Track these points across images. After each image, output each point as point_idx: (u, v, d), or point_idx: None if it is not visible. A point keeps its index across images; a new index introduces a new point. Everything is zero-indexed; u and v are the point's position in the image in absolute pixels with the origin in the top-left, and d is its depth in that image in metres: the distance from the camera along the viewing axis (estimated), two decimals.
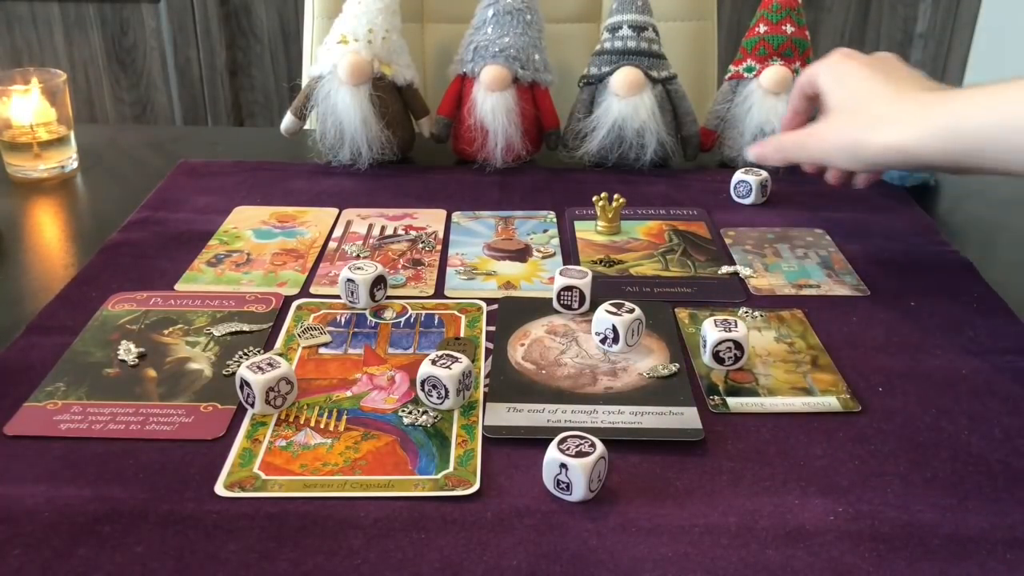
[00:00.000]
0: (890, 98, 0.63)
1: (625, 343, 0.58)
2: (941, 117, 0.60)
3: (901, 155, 0.62)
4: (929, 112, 0.60)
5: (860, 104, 0.65)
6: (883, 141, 0.62)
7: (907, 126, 0.61)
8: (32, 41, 1.97)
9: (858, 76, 0.66)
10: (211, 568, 0.42)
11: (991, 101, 0.58)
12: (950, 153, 0.59)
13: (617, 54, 0.86)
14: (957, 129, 0.58)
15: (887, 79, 0.65)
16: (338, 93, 0.84)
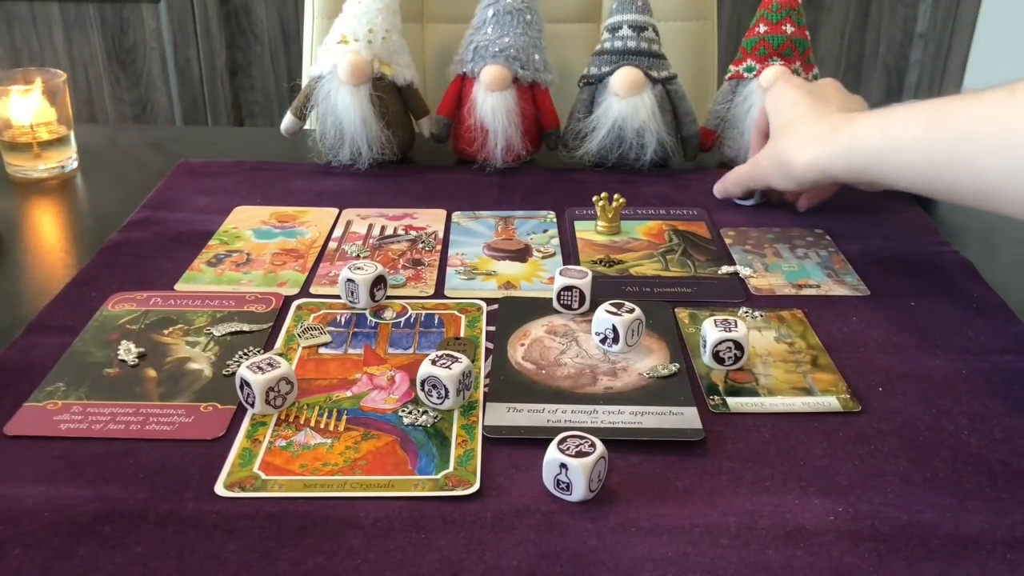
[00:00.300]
0: (813, 120, 0.70)
1: (625, 343, 0.58)
2: (844, 137, 0.66)
3: (818, 171, 0.68)
4: (837, 133, 0.67)
5: (790, 126, 0.71)
6: (804, 160, 0.68)
7: (820, 145, 0.68)
8: (32, 41, 1.97)
9: (791, 100, 0.72)
10: (211, 568, 0.42)
11: (880, 123, 0.64)
12: (853, 169, 0.66)
13: (617, 54, 0.86)
14: (854, 147, 0.65)
15: (815, 103, 0.71)
16: (338, 93, 0.84)
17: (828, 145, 0.67)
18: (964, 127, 0.57)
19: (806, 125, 0.70)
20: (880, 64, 2.07)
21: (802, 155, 0.68)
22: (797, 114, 0.71)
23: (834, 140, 0.67)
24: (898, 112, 0.63)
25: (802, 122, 0.70)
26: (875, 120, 0.64)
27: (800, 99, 0.72)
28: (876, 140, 0.64)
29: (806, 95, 0.72)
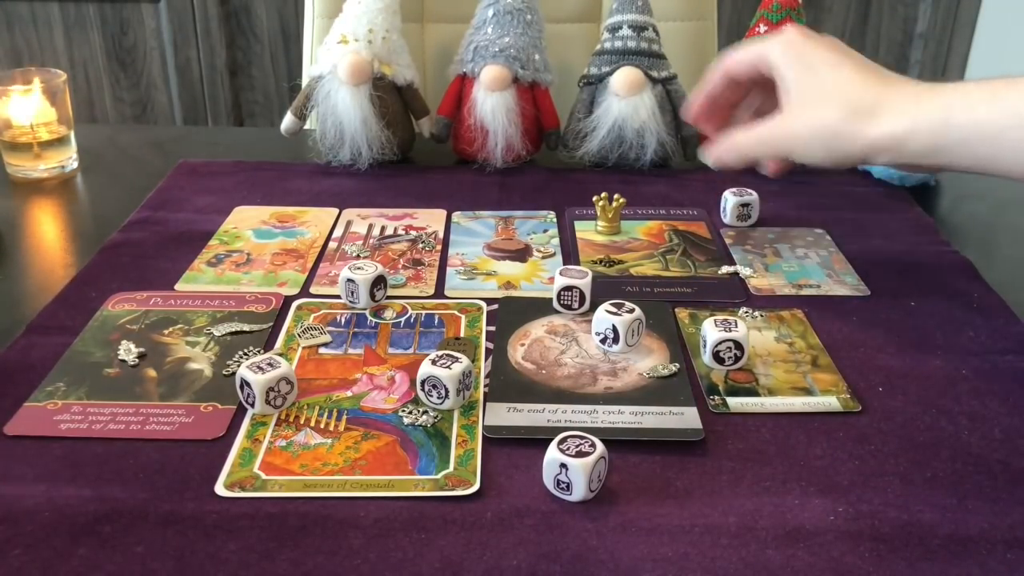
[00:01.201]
0: (874, 87, 0.59)
1: (625, 343, 0.58)
2: (935, 109, 0.56)
3: (889, 149, 0.58)
4: (921, 104, 0.57)
5: (835, 92, 0.60)
6: (875, 134, 0.58)
7: (899, 115, 0.57)
8: (32, 41, 1.97)
9: (829, 62, 0.61)
10: (211, 568, 0.42)
11: (992, 94, 0.55)
12: (938, 148, 0.56)
13: (617, 54, 0.86)
14: (950, 122, 0.56)
15: (859, 66, 0.61)
16: (338, 93, 0.84)
17: (910, 118, 0.57)
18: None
19: (867, 91, 0.58)
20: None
21: (868, 128, 0.57)
22: (846, 78, 0.59)
23: (919, 112, 0.57)
24: (1010, 87, 0.55)
25: (858, 87, 0.59)
26: (978, 93, 0.55)
27: (840, 60, 0.60)
28: (989, 115, 0.54)
29: (845, 56, 0.61)
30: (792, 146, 0.62)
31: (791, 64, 0.61)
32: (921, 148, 0.57)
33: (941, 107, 0.56)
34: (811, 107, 0.60)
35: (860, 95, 0.59)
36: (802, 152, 0.61)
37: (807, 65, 0.61)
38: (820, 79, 0.60)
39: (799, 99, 0.61)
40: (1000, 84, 0.55)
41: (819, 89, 0.60)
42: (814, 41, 0.62)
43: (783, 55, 0.62)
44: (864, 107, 0.58)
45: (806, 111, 0.60)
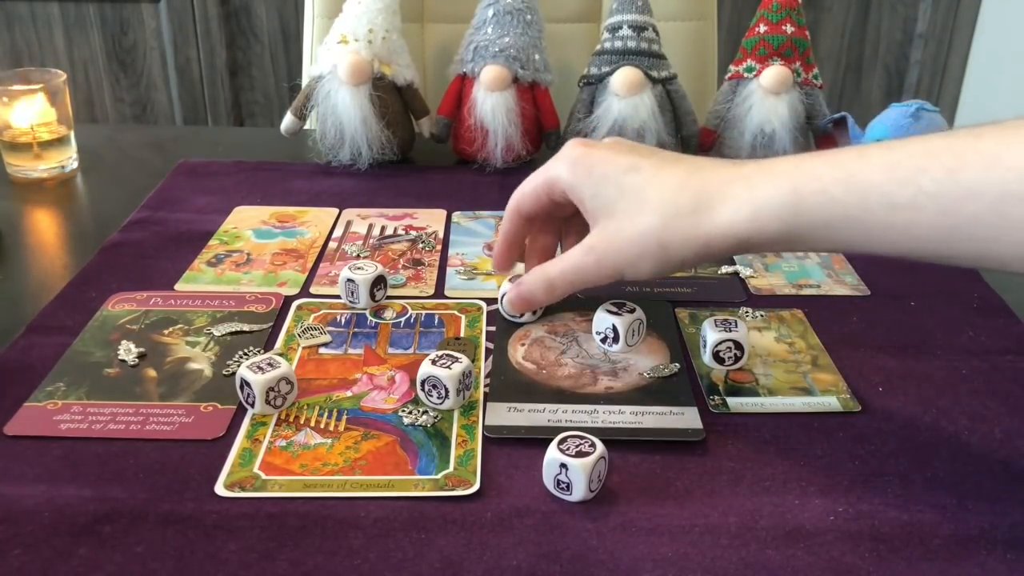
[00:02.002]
0: (690, 179, 0.51)
1: (625, 343, 0.58)
2: (776, 192, 0.47)
3: (733, 243, 0.49)
4: (755, 185, 0.48)
5: (651, 196, 0.51)
6: (708, 230, 0.49)
7: (734, 204, 0.48)
8: (32, 41, 1.97)
9: (623, 166, 0.52)
10: (211, 568, 0.42)
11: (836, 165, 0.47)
12: (793, 234, 0.48)
13: (617, 54, 0.86)
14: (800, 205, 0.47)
15: (659, 163, 0.52)
16: (338, 93, 0.84)
17: (749, 205, 0.48)
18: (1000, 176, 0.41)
19: (684, 187, 0.50)
20: (880, 64, 2.07)
21: (704, 226, 0.49)
22: (650, 179, 0.51)
23: (756, 196, 0.48)
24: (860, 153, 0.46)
25: (669, 186, 0.51)
26: (818, 164, 0.47)
27: (635, 162, 0.52)
28: (845, 191, 0.45)
29: (638, 156, 0.53)
30: (617, 266, 0.53)
31: (583, 182, 0.54)
32: (774, 238, 0.48)
33: (790, 190, 0.47)
34: (625, 220, 0.52)
35: (676, 194, 0.50)
36: (632, 270, 0.53)
37: (602, 177, 0.53)
38: (623, 188, 0.52)
39: (607, 215, 0.53)
40: (847, 156, 0.47)
41: (627, 199, 0.52)
42: (599, 150, 0.54)
43: (572, 175, 0.54)
44: (686, 205, 0.50)
45: (621, 227, 0.52)
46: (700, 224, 0.49)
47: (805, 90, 0.87)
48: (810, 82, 0.87)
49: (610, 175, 0.53)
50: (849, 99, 2.10)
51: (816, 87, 0.88)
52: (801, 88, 0.86)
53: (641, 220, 0.51)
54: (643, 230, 0.51)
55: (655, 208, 0.51)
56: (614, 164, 0.53)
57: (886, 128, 0.80)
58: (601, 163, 0.53)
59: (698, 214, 0.49)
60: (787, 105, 0.85)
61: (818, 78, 0.88)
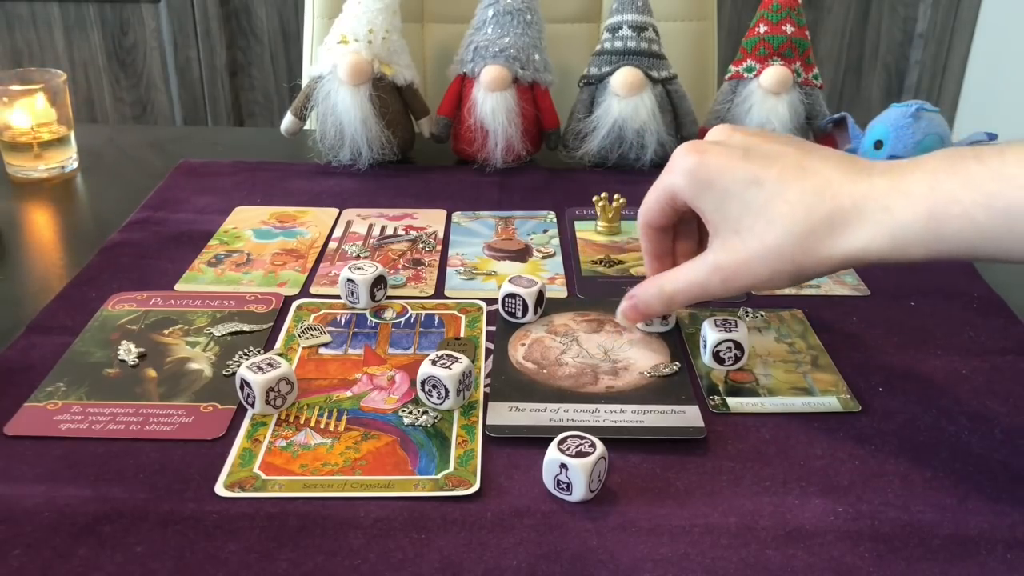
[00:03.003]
0: (820, 193, 0.48)
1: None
2: (916, 213, 0.45)
3: (869, 261, 0.48)
4: (893, 207, 0.46)
5: (779, 213, 0.49)
6: (841, 252, 0.47)
7: (872, 227, 0.46)
8: (32, 41, 1.97)
9: (744, 178, 0.50)
10: (211, 568, 0.42)
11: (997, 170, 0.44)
12: (938, 254, 0.46)
13: (617, 54, 0.86)
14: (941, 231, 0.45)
15: (784, 171, 0.49)
16: (338, 93, 0.84)
17: (887, 229, 0.46)
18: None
19: (815, 204, 0.48)
20: (880, 64, 2.07)
21: (837, 247, 0.47)
22: (774, 195, 0.49)
23: (895, 226, 0.46)
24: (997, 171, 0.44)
25: (798, 202, 0.48)
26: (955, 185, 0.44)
27: (757, 174, 0.50)
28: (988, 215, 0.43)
29: (759, 165, 0.50)
30: (745, 285, 0.51)
31: (702, 195, 0.51)
32: (913, 259, 0.47)
33: (923, 214, 0.45)
34: (752, 238, 0.50)
35: (807, 212, 0.48)
36: (762, 287, 0.52)
37: (723, 192, 0.50)
38: (747, 204, 0.49)
39: (732, 232, 0.50)
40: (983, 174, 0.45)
41: (753, 216, 0.49)
42: (713, 157, 0.51)
43: (690, 187, 0.52)
44: (820, 224, 0.47)
45: (749, 245, 0.50)
46: (836, 245, 0.47)
47: (805, 90, 0.87)
48: (810, 82, 0.87)
49: (731, 190, 0.50)
50: (849, 99, 2.10)
51: (816, 87, 0.88)
52: (801, 88, 0.86)
53: (771, 240, 0.49)
54: (774, 249, 0.49)
55: (786, 227, 0.48)
56: (733, 176, 0.50)
57: (886, 128, 0.80)
58: (719, 175, 0.51)
59: (833, 235, 0.47)
60: (787, 105, 0.85)
61: (818, 78, 0.88)
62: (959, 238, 0.45)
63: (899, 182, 0.46)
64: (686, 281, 0.53)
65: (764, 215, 0.49)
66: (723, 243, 0.51)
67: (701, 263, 0.52)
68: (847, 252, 0.47)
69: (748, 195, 0.49)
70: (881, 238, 0.46)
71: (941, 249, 0.46)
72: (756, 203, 0.49)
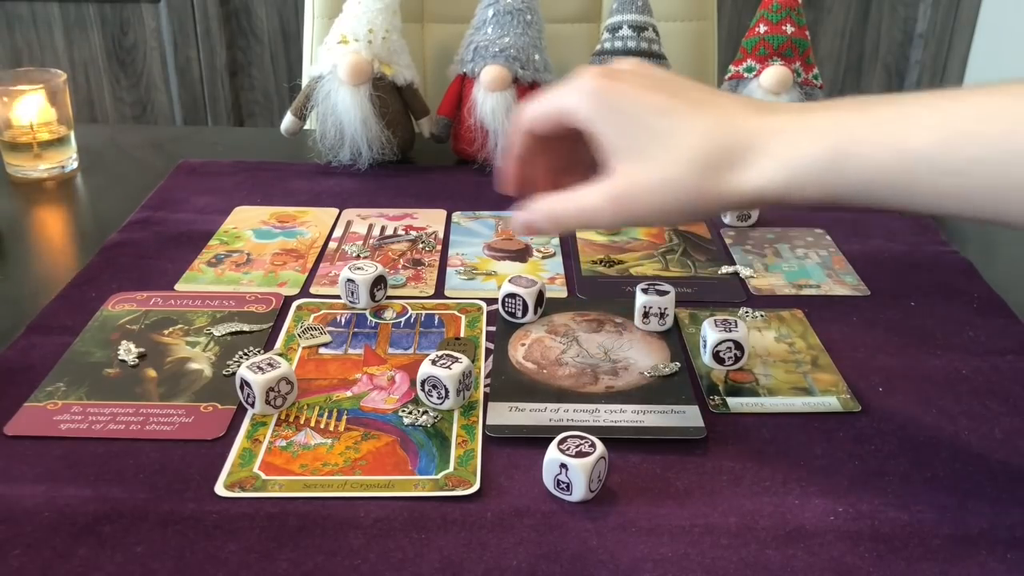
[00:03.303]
0: (725, 125, 0.47)
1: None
2: (820, 148, 0.44)
3: (766, 200, 0.46)
4: (799, 142, 0.45)
5: (682, 143, 0.47)
6: (739, 188, 0.46)
7: (772, 162, 0.45)
8: (32, 41, 1.97)
9: (653, 106, 0.48)
10: (211, 568, 0.42)
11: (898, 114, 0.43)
12: (839, 190, 0.45)
13: (617, 54, 0.86)
14: (848, 157, 0.44)
15: (695, 103, 0.48)
16: (338, 93, 0.84)
17: (785, 165, 0.45)
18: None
19: (719, 136, 0.46)
20: (880, 64, 2.07)
21: (735, 183, 0.46)
22: (681, 124, 0.47)
23: (795, 160, 0.45)
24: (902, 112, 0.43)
25: (702, 132, 0.47)
26: (860, 123, 0.44)
27: (668, 103, 0.48)
28: (891, 156, 0.43)
29: (667, 93, 0.48)
30: (639, 216, 0.49)
31: (605, 118, 0.48)
32: (809, 198, 0.45)
33: (826, 149, 0.44)
34: (654, 167, 0.47)
35: (710, 143, 0.46)
36: (655, 220, 0.50)
37: (631, 117, 0.48)
38: (654, 132, 0.47)
39: (633, 159, 0.48)
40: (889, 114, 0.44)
41: (659, 144, 0.47)
42: (623, 83, 0.49)
43: (593, 109, 0.49)
44: (722, 157, 0.46)
45: (650, 174, 0.47)
46: (735, 179, 0.46)
47: (805, 90, 0.87)
48: (810, 82, 0.87)
49: (640, 116, 0.48)
50: None
51: (816, 87, 0.88)
52: (801, 88, 0.86)
53: (672, 169, 0.47)
54: (675, 180, 0.47)
55: (688, 157, 0.46)
56: (643, 103, 0.48)
57: None
58: (628, 101, 0.48)
59: (733, 168, 0.46)
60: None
61: (818, 78, 0.88)
62: (860, 179, 0.44)
63: (804, 118, 0.46)
64: (577, 207, 0.50)
65: (668, 143, 0.47)
66: (623, 170, 0.48)
67: (596, 190, 0.49)
68: (746, 188, 0.46)
69: (655, 122, 0.47)
70: (780, 174, 0.45)
71: (839, 191, 0.44)
72: (662, 131, 0.47)
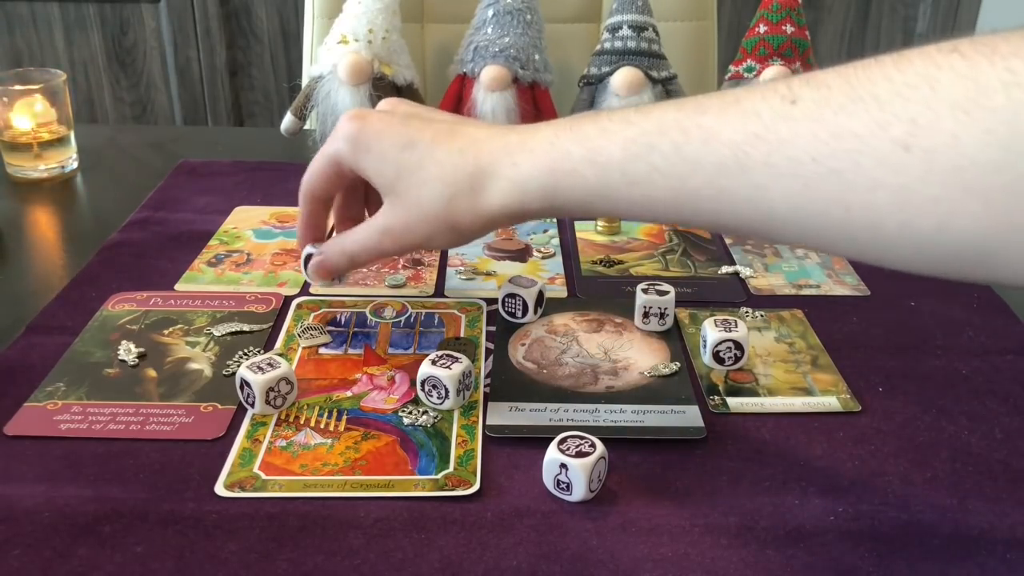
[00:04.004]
0: (459, 153, 0.50)
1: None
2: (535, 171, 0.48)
3: (515, 217, 0.50)
4: (518, 163, 0.48)
5: (428, 174, 0.50)
6: (487, 208, 0.49)
7: (505, 184, 0.48)
8: (32, 41, 1.97)
9: (398, 141, 0.51)
10: (211, 568, 0.42)
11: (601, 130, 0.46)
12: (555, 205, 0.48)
13: (617, 54, 0.86)
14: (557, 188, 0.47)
15: (439, 134, 0.51)
16: (338, 93, 0.84)
17: (514, 190, 0.48)
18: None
19: (457, 165, 0.50)
20: None
21: (484, 205, 0.49)
22: (425, 157, 0.50)
23: (519, 180, 0.48)
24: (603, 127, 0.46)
25: (442, 162, 0.50)
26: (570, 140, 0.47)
27: (411, 136, 0.51)
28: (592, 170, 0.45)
29: (413, 128, 0.52)
30: (414, 244, 0.53)
31: (363, 159, 0.53)
32: (539, 211, 0.49)
33: (543, 168, 0.47)
34: (409, 200, 0.51)
35: (453, 172, 0.50)
36: (428, 246, 0.54)
37: (380, 155, 0.52)
38: (400, 167, 0.51)
39: (392, 194, 0.52)
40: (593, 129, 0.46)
41: (407, 179, 0.51)
42: (372, 123, 0.52)
43: (352, 152, 0.53)
44: (464, 184, 0.50)
45: (408, 206, 0.52)
46: (479, 202, 0.49)
47: None
48: None
49: (387, 153, 0.52)
50: None
51: None
52: None
53: (425, 201, 0.51)
54: (428, 211, 0.51)
55: (436, 188, 0.50)
56: (390, 140, 0.52)
57: None
58: (377, 139, 0.52)
59: (475, 192, 0.49)
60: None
61: None
62: (572, 194, 0.47)
63: (528, 138, 0.49)
64: (363, 243, 0.55)
65: (416, 176, 0.51)
66: (389, 205, 0.53)
67: (373, 226, 0.54)
68: (490, 209, 0.49)
69: (402, 157, 0.51)
70: (510, 193, 0.48)
71: (557, 205, 0.48)
72: (410, 165, 0.51)
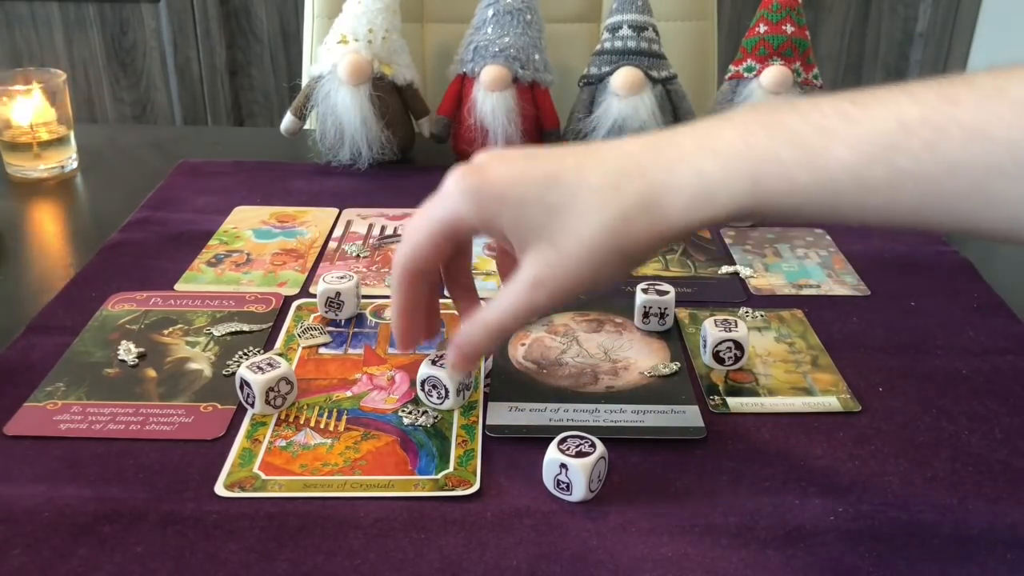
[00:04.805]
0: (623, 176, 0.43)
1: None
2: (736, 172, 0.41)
3: (697, 228, 0.43)
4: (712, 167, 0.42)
5: (588, 206, 0.43)
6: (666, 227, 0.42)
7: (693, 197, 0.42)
8: (32, 41, 1.97)
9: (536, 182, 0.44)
10: (211, 568, 0.42)
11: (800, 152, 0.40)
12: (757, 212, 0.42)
13: (617, 54, 0.86)
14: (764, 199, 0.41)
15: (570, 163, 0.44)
16: (338, 93, 0.84)
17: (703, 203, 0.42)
18: None
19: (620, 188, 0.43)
20: (880, 64, 2.07)
21: (658, 226, 0.43)
22: (575, 188, 0.43)
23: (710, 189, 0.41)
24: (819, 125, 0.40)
25: (606, 188, 0.43)
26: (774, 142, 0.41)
27: (550, 171, 0.44)
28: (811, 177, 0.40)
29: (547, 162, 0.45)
30: (573, 290, 0.45)
31: (497, 213, 0.45)
32: (734, 219, 0.43)
33: (741, 174, 0.41)
34: (567, 240, 0.44)
35: (616, 196, 0.43)
36: (592, 286, 0.45)
37: (519, 201, 0.44)
38: (549, 207, 0.44)
39: (540, 240, 0.44)
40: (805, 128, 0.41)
41: (560, 217, 0.44)
42: (494, 171, 0.45)
43: (479, 210, 0.45)
44: (633, 206, 0.43)
45: (565, 248, 0.44)
46: (656, 221, 0.42)
47: (805, 90, 0.87)
48: (810, 82, 0.87)
49: (527, 197, 0.44)
50: None
51: (816, 87, 0.88)
52: (801, 88, 0.86)
53: (587, 236, 0.43)
54: (593, 244, 0.43)
55: (598, 218, 0.43)
56: (527, 182, 0.44)
57: None
58: (511, 185, 0.44)
59: (650, 211, 0.42)
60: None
61: (818, 78, 0.88)
62: (780, 202, 0.41)
63: (705, 141, 0.42)
64: (510, 307, 0.46)
65: (571, 212, 0.43)
66: (537, 256, 0.45)
67: (520, 284, 0.45)
68: (671, 227, 0.43)
69: (548, 196, 0.44)
70: (695, 205, 0.42)
71: (757, 212, 0.42)
72: (560, 202, 0.44)
